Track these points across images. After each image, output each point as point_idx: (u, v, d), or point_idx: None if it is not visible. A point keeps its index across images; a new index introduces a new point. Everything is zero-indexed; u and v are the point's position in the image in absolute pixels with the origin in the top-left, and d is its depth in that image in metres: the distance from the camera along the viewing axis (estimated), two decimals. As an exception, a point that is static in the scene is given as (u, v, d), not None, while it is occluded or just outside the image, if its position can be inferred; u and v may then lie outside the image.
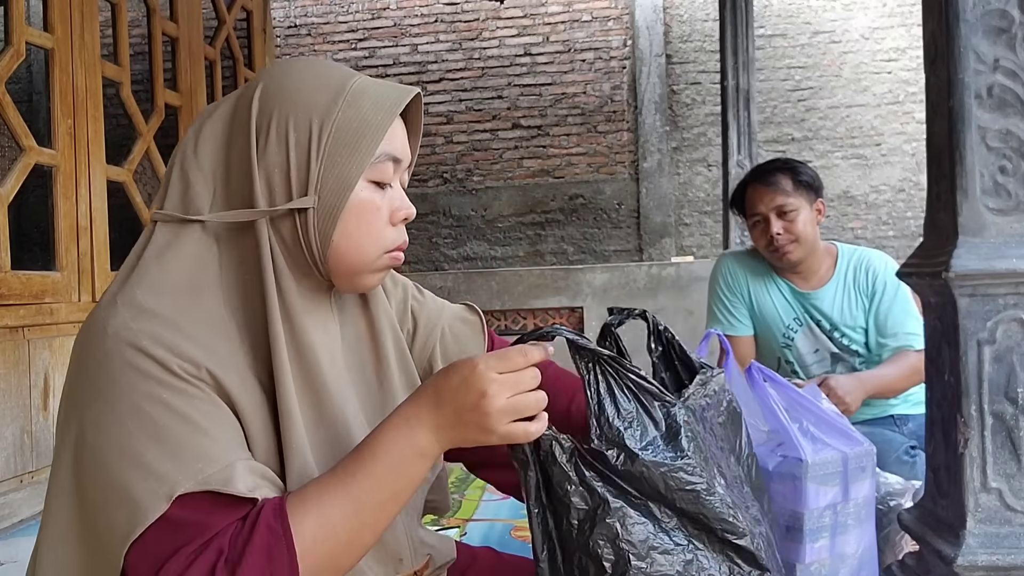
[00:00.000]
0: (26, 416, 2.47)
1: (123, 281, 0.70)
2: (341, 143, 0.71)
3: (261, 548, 0.61)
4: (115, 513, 0.62)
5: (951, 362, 1.05)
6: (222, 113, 0.75)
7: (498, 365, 0.67)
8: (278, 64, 0.77)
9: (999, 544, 1.01)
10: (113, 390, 0.64)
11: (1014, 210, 1.02)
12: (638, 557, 0.72)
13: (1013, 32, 1.01)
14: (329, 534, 0.64)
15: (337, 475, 0.67)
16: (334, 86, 0.73)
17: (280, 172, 0.71)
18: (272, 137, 0.71)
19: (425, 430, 0.68)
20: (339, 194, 0.72)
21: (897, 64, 5.49)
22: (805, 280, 1.95)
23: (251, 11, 4.20)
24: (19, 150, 2.53)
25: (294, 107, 0.72)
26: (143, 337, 0.65)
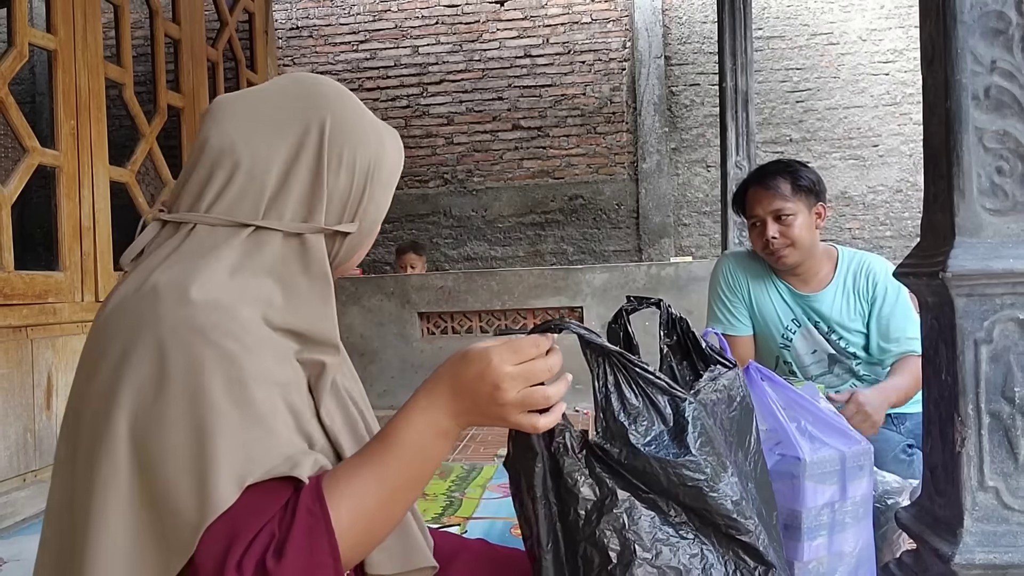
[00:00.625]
0: (29, 415, 2.48)
1: (171, 272, 0.72)
2: (381, 181, 0.84)
3: (302, 531, 0.65)
4: (184, 499, 0.64)
5: (948, 362, 1.06)
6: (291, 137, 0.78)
7: (512, 357, 0.71)
8: (335, 92, 0.83)
9: (996, 542, 1.02)
10: (177, 378, 0.66)
11: (1011, 210, 1.03)
12: (644, 548, 0.74)
13: (1010, 33, 1.02)
14: (363, 514, 0.69)
15: (366, 458, 0.71)
16: (378, 131, 0.85)
17: (340, 198, 0.81)
18: (343, 167, 0.80)
19: (446, 416, 0.72)
20: (374, 223, 0.85)
21: (895, 65, 5.50)
22: (804, 282, 1.96)
23: (253, 13, 4.21)
24: (22, 151, 2.54)
25: (361, 144, 0.81)
26: (209, 328, 0.68)
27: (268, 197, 0.77)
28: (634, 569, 0.74)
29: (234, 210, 0.76)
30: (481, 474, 2.81)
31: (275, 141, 0.78)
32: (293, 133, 0.79)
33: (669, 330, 1.00)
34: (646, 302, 0.99)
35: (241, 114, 0.79)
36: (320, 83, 0.83)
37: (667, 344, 0.99)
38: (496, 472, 2.83)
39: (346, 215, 0.81)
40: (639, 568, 0.74)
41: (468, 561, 0.98)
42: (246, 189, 0.76)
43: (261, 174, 0.77)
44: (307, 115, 0.79)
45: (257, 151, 0.77)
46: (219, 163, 0.77)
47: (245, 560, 0.63)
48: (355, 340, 4.24)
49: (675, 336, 1.00)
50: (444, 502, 2.47)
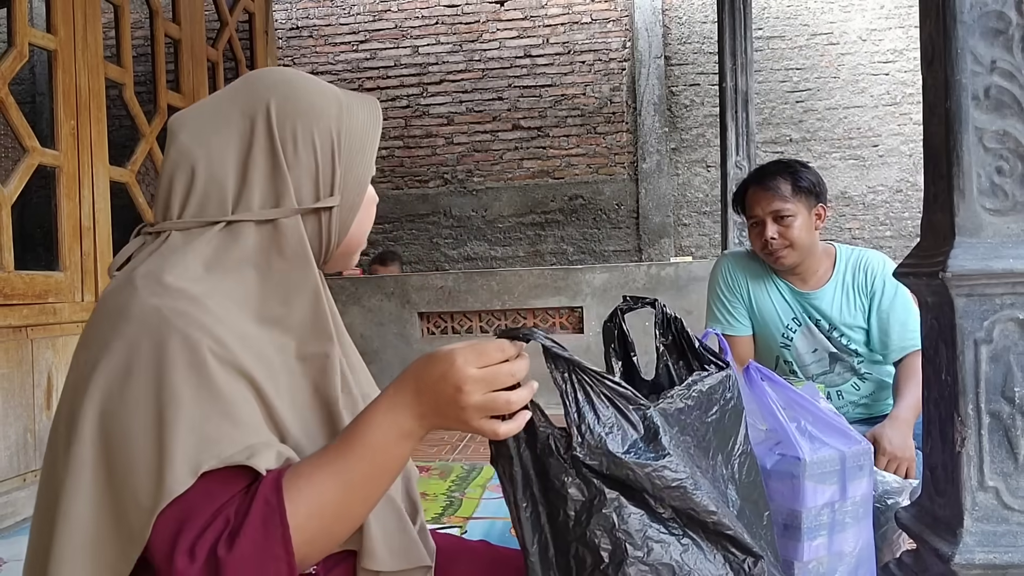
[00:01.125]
0: (29, 415, 2.48)
1: (148, 265, 0.74)
2: (353, 148, 0.82)
3: (257, 520, 0.65)
4: (142, 484, 0.66)
5: (948, 362, 1.06)
6: (236, 127, 0.80)
7: (476, 360, 0.70)
8: (274, 79, 0.83)
9: (996, 542, 1.02)
10: (143, 367, 0.68)
11: (1011, 210, 1.03)
12: (635, 546, 0.74)
13: (1010, 34, 1.02)
14: (320, 510, 0.68)
15: (329, 454, 0.71)
16: (336, 98, 0.83)
17: (309, 176, 0.80)
18: (299, 145, 0.79)
19: (409, 417, 0.72)
20: (358, 192, 0.83)
21: (895, 66, 5.50)
22: (804, 281, 1.96)
23: (253, 13, 4.21)
24: (22, 151, 2.54)
25: (314, 118, 0.80)
26: (175, 317, 0.69)
27: (233, 192, 0.78)
28: (626, 568, 0.74)
29: (203, 211, 0.78)
30: (481, 474, 2.80)
31: (227, 137, 0.79)
32: (242, 125, 0.79)
33: (665, 330, 1.00)
34: (642, 302, 0.99)
35: (193, 122, 0.81)
36: (264, 73, 0.85)
37: (663, 344, 0.99)
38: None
39: (322, 190, 0.80)
40: (631, 567, 0.74)
41: (470, 563, 0.98)
42: (209, 189, 0.78)
43: (220, 172, 0.78)
44: (252, 105, 0.80)
45: (211, 151, 0.79)
46: (178, 171, 0.79)
47: (198, 546, 0.64)
48: (355, 340, 4.22)
49: (670, 336, 1.00)
50: (444, 502, 2.47)
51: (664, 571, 0.74)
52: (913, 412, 1.69)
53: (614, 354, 1.06)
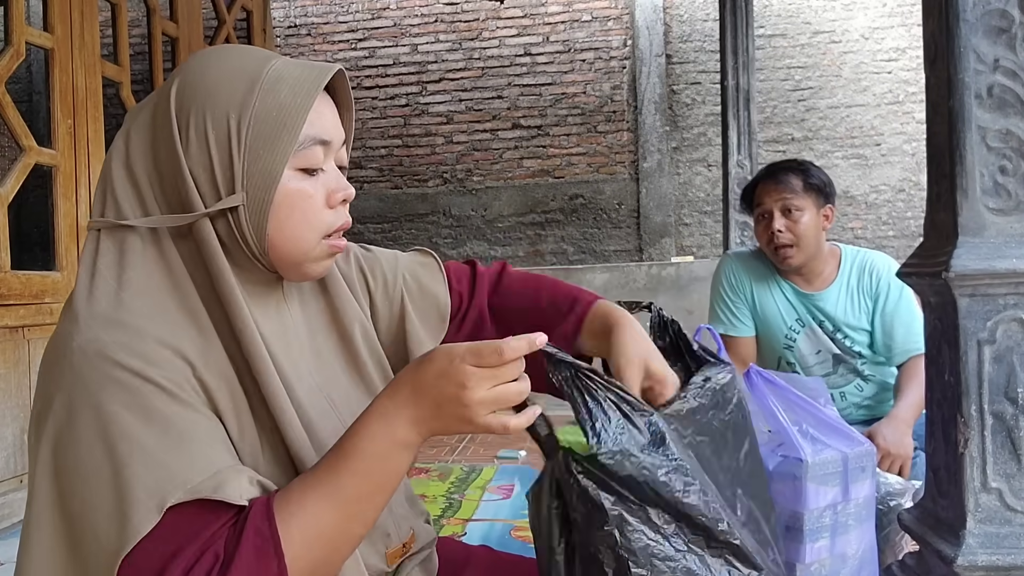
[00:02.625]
0: (26, 416, 2.47)
1: (84, 295, 0.68)
2: (261, 135, 0.69)
3: (250, 551, 0.61)
4: (103, 527, 0.61)
5: (951, 362, 1.05)
6: (147, 114, 0.73)
7: (473, 359, 0.65)
8: (194, 57, 0.74)
9: (999, 544, 1.01)
10: (88, 405, 0.63)
11: (1014, 210, 1.02)
12: (637, 564, 0.73)
13: (1013, 32, 1.01)
14: (317, 533, 0.64)
15: (319, 473, 0.66)
16: (249, 76, 0.71)
17: (205, 171, 0.70)
18: (192, 136, 0.69)
19: (404, 423, 0.66)
20: (265, 188, 0.70)
21: (897, 64, 5.49)
22: (808, 282, 1.95)
23: (251, 11, 4.20)
24: (19, 150, 2.53)
25: (210, 103, 0.70)
26: (116, 349, 0.64)
27: (148, 191, 0.71)
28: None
29: (119, 212, 0.71)
30: (481, 475, 2.80)
31: (144, 131, 0.72)
32: (153, 116, 0.72)
33: (661, 332, 0.98)
34: (637, 305, 0.97)
35: (132, 115, 0.75)
36: (195, 53, 0.77)
37: (659, 347, 0.98)
38: (496, 474, 2.82)
39: (222, 188, 0.69)
40: None
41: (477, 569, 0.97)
42: (125, 188, 0.71)
43: (137, 168, 0.72)
44: (163, 92, 0.72)
45: (130, 144, 0.72)
46: (110, 169, 0.73)
47: None
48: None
49: (667, 338, 0.98)
50: (444, 504, 2.46)
51: None
52: (912, 412, 1.69)
53: None
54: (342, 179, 0.77)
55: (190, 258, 0.71)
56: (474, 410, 0.65)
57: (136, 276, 0.69)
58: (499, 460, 3.08)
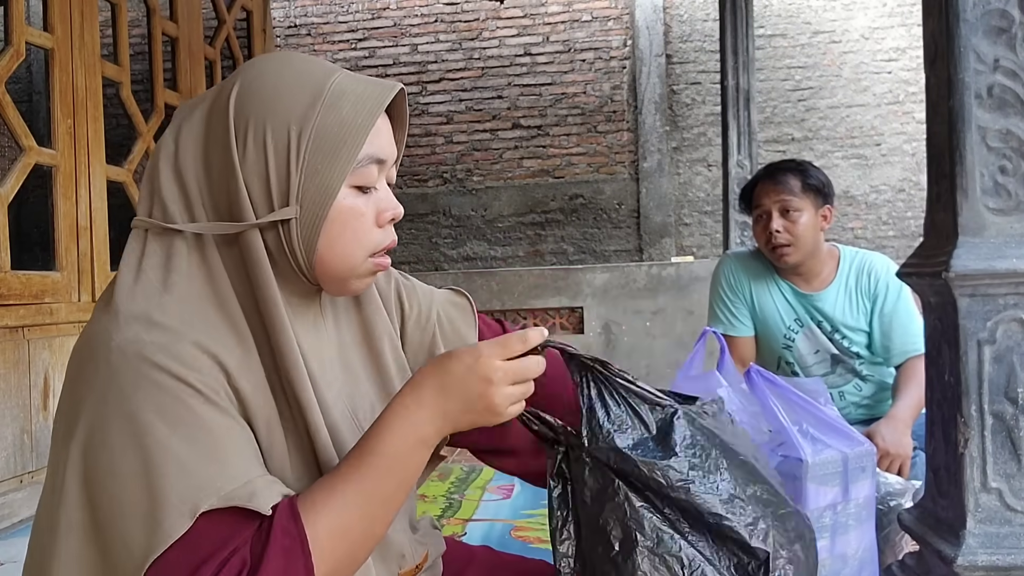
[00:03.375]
0: (26, 416, 2.47)
1: (126, 293, 0.67)
2: (321, 150, 0.68)
3: (278, 552, 0.61)
4: (133, 531, 0.60)
5: (951, 362, 1.05)
6: (200, 114, 0.72)
7: (500, 352, 0.69)
8: (256, 62, 0.73)
9: (999, 544, 1.01)
10: (124, 408, 0.62)
11: (1014, 210, 1.02)
12: (644, 535, 0.75)
13: (1013, 32, 1.01)
14: (342, 531, 0.65)
15: (343, 471, 0.67)
16: (312, 88, 0.70)
17: (260, 181, 0.68)
18: (250, 144, 0.68)
19: (429, 418, 0.68)
20: (321, 204, 0.69)
21: (897, 64, 5.48)
22: (807, 282, 1.95)
23: (251, 11, 4.20)
24: (19, 150, 2.53)
25: (271, 112, 0.69)
26: (155, 350, 0.63)
27: (196, 195, 0.70)
28: (636, 556, 0.75)
29: (166, 215, 0.70)
30: (480, 475, 2.80)
31: (197, 133, 0.71)
32: (208, 119, 0.71)
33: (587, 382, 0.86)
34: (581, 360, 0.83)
35: (185, 112, 0.74)
36: (256, 57, 0.78)
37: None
38: (496, 474, 2.82)
39: (276, 199, 0.68)
40: (642, 556, 0.75)
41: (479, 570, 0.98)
42: (173, 190, 0.70)
43: (187, 171, 0.71)
44: (220, 92, 0.72)
45: (184, 148, 0.71)
46: (158, 169, 0.72)
47: None
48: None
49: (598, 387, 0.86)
50: (444, 504, 2.46)
51: (674, 563, 0.75)
52: (911, 412, 1.69)
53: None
54: (392, 198, 0.76)
55: (233, 267, 0.70)
56: (500, 403, 0.68)
57: (179, 280, 0.68)
58: (499, 460, 3.08)
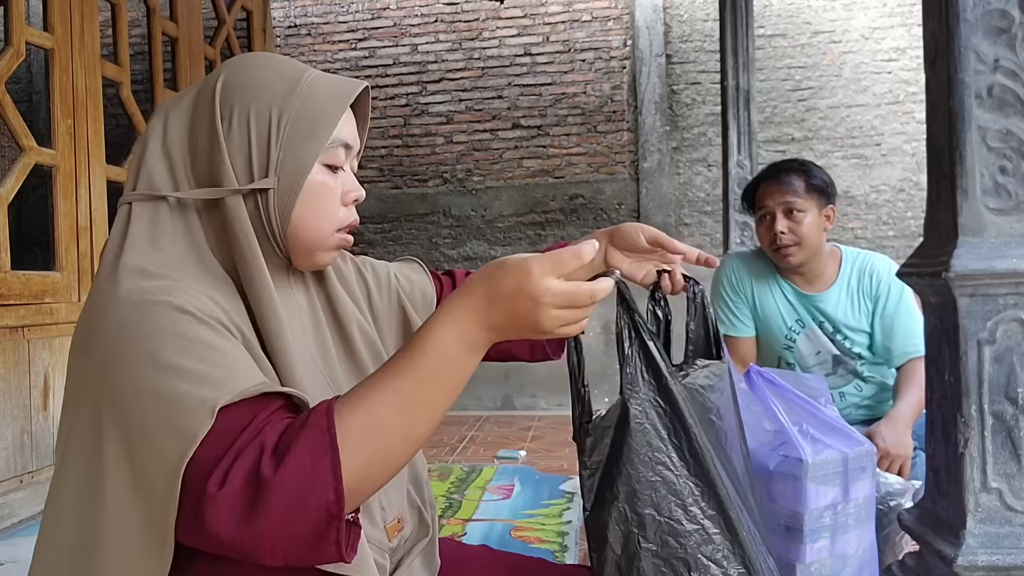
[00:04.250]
0: (26, 416, 2.47)
1: (115, 253, 0.74)
2: (297, 130, 0.78)
3: (306, 444, 0.62)
4: (161, 441, 0.63)
5: (951, 362, 1.05)
6: (187, 102, 0.81)
7: (552, 269, 0.66)
8: (239, 58, 0.83)
9: (999, 544, 1.01)
10: (139, 344, 0.66)
11: (1014, 210, 1.02)
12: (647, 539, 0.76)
13: (1013, 32, 1.01)
14: (377, 430, 0.64)
15: (386, 372, 0.67)
16: (290, 78, 0.80)
17: (242, 155, 0.77)
18: (235, 123, 0.77)
19: (476, 327, 0.67)
20: (297, 176, 0.78)
21: (897, 64, 5.48)
22: (809, 283, 1.95)
23: (251, 11, 4.20)
24: (19, 150, 2.53)
25: (254, 96, 0.78)
26: (160, 292, 0.69)
27: (181, 168, 0.78)
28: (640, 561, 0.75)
29: (151, 185, 0.78)
30: (481, 475, 2.80)
31: (184, 116, 0.80)
32: (193, 103, 0.80)
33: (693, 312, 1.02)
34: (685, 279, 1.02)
35: (171, 103, 0.82)
36: (239, 56, 0.85)
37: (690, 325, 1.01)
38: (496, 474, 2.82)
39: (256, 171, 0.77)
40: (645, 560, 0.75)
41: (475, 569, 0.98)
42: (159, 164, 0.78)
43: (173, 149, 0.79)
44: (206, 83, 0.81)
45: (169, 128, 0.80)
46: (146, 148, 0.80)
47: (232, 471, 0.61)
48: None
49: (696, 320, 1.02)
50: (444, 504, 2.46)
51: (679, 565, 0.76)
52: (911, 412, 1.69)
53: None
54: (356, 182, 0.85)
55: (213, 232, 0.78)
56: (546, 324, 0.67)
57: (165, 241, 0.76)
58: (499, 460, 3.08)
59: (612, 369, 4.13)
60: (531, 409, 4.11)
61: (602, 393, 4.06)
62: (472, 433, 3.62)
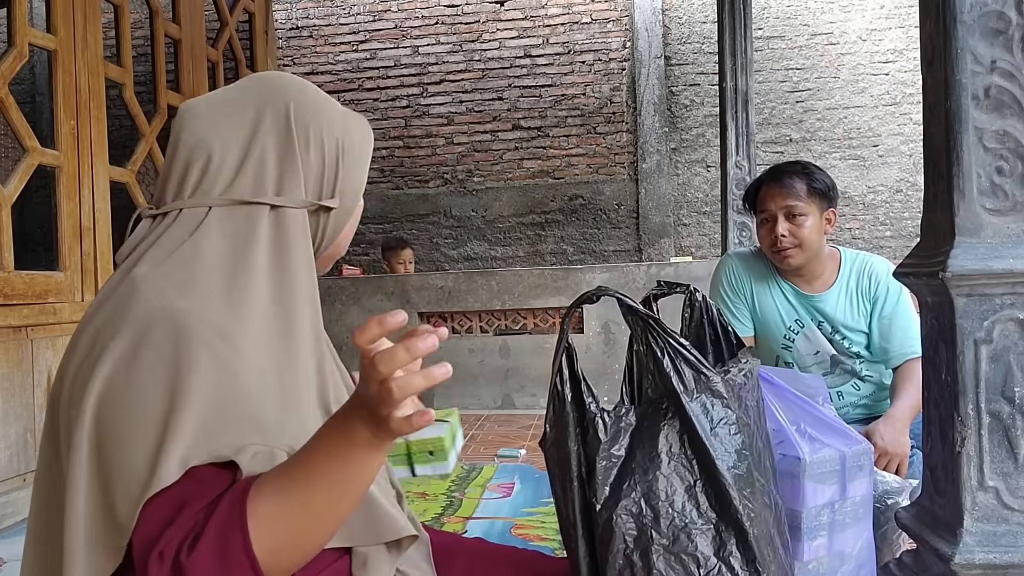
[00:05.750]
0: (29, 415, 2.48)
1: (153, 261, 0.75)
2: (353, 158, 0.87)
3: (218, 525, 0.63)
4: (135, 473, 0.65)
5: (948, 361, 1.06)
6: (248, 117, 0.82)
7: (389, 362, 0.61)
8: (293, 79, 0.87)
9: (996, 542, 1.02)
10: (153, 356, 0.68)
11: (1011, 210, 1.03)
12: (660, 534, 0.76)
13: (1010, 34, 1.02)
14: (283, 516, 0.65)
15: (291, 464, 0.67)
16: (339, 109, 0.88)
17: (315, 175, 0.83)
18: (312, 143, 0.83)
19: (360, 424, 0.65)
20: (354, 198, 0.88)
21: (894, 66, 5.50)
22: (808, 283, 1.96)
23: (253, 13, 4.21)
24: (22, 151, 2.54)
25: (325, 122, 0.85)
26: (186, 315, 0.70)
27: (246, 177, 0.80)
28: (651, 555, 0.75)
29: (209, 194, 0.79)
30: (481, 474, 2.80)
31: (243, 128, 0.81)
32: (260, 118, 0.82)
33: (690, 314, 1.02)
34: (677, 287, 1.02)
35: (209, 111, 0.83)
36: (281, 75, 0.88)
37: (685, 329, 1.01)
38: (496, 472, 2.83)
39: (324, 191, 0.84)
40: (655, 554, 0.75)
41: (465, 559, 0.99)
42: (220, 173, 0.80)
43: (234, 158, 0.80)
44: (272, 100, 0.83)
45: (227, 139, 0.81)
46: (194, 155, 0.80)
47: (166, 548, 0.62)
48: (355, 340, 4.23)
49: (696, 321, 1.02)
50: (444, 502, 2.47)
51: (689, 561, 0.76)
52: (909, 412, 1.70)
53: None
54: None
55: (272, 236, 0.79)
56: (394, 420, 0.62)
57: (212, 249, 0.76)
58: (499, 458, 3.09)
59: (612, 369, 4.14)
60: (531, 408, 4.12)
61: (602, 393, 4.07)
62: (472, 432, 3.62)
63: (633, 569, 0.75)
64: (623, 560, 0.75)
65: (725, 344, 1.00)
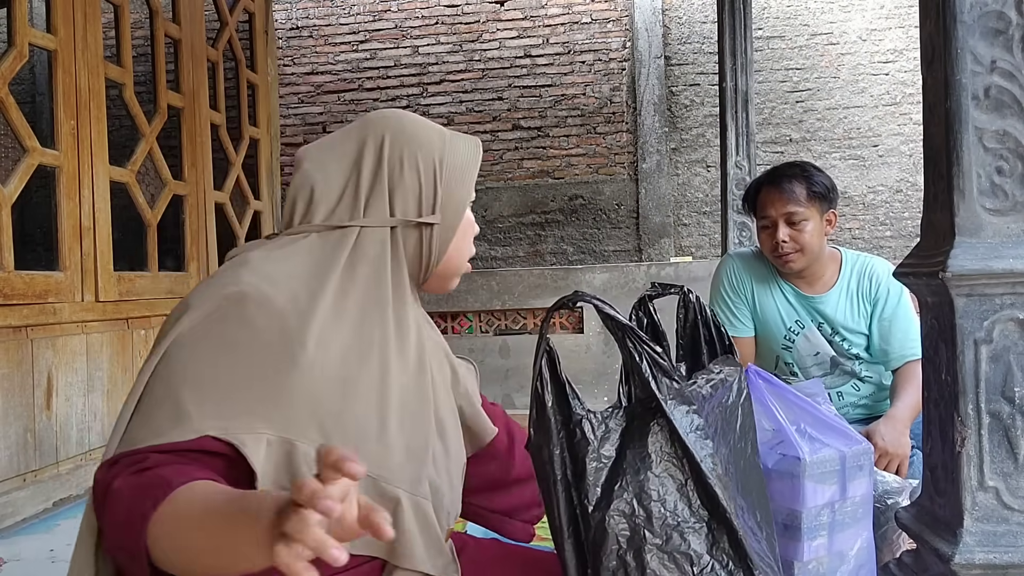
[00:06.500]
0: (29, 415, 2.48)
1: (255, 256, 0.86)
2: (455, 175, 0.93)
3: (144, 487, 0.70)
4: (160, 417, 0.76)
5: (948, 361, 1.06)
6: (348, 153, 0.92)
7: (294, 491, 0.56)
8: (392, 114, 0.96)
9: (996, 542, 1.02)
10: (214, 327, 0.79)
11: (1011, 210, 1.03)
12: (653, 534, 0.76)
13: (1010, 33, 1.02)
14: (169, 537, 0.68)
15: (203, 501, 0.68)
16: (438, 133, 0.95)
17: (412, 194, 0.91)
18: (406, 168, 0.91)
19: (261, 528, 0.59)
20: (456, 213, 0.94)
21: (894, 66, 5.50)
22: (809, 284, 1.96)
23: (253, 13, 4.21)
24: (22, 151, 2.54)
25: (420, 146, 0.92)
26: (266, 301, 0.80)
27: (343, 204, 0.89)
28: (644, 555, 0.75)
29: (313, 222, 0.89)
30: (481, 474, 2.80)
31: (344, 162, 0.91)
32: (359, 152, 0.91)
33: (685, 316, 1.03)
34: (670, 289, 1.02)
35: (315, 151, 0.93)
36: (384, 111, 0.97)
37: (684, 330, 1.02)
38: (496, 472, 2.82)
39: (424, 208, 0.91)
40: (649, 554, 0.74)
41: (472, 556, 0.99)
42: (320, 203, 0.90)
43: (333, 189, 0.90)
44: (372, 134, 0.92)
45: (329, 173, 0.91)
46: (300, 191, 0.91)
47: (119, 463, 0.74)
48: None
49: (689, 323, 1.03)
50: (444, 502, 2.46)
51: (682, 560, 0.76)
52: (909, 412, 1.70)
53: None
54: (473, 219, 1.00)
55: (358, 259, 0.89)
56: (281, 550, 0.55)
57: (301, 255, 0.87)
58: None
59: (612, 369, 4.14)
60: (531, 409, 4.12)
61: (601, 393, 4.07)
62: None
63: (627, 570, 0.74)
64: (616, 561, 0.75)
65: (719, 345, 1.00)
